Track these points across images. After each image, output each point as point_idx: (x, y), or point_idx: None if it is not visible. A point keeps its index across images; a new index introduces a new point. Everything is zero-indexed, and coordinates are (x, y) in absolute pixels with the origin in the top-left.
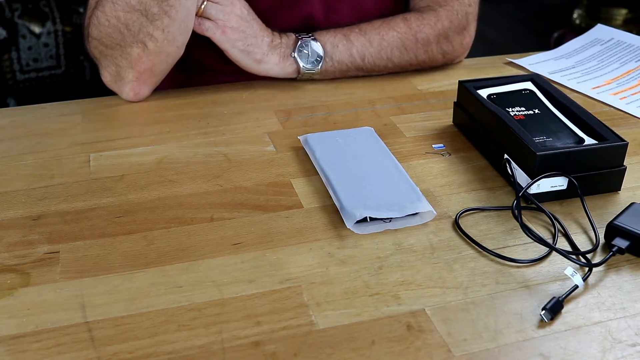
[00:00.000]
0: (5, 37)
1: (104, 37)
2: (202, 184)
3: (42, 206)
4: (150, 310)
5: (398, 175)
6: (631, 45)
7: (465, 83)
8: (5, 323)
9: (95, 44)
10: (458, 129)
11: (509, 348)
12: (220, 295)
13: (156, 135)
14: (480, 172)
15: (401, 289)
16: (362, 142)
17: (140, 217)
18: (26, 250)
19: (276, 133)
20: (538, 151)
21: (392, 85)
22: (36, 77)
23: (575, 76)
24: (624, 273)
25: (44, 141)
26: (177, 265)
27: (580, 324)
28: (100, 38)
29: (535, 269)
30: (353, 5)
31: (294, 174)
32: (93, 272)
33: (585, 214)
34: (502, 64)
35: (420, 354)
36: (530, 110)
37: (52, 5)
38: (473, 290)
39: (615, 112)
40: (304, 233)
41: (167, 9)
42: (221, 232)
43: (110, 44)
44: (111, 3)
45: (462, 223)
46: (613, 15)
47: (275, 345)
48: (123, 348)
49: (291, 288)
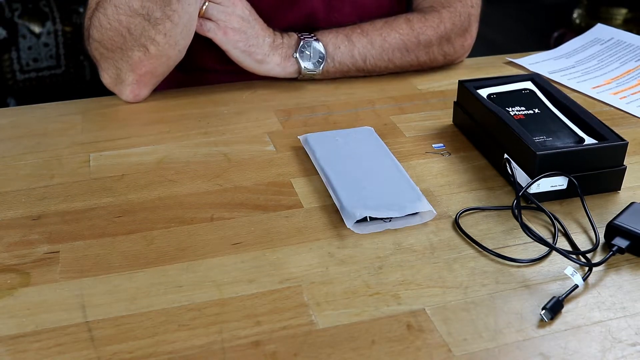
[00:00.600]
0: (5, 37)
1: (105, 40)
2: (202, 184)
3: (42, 206)
4: (150, 310)
5: (398, 175)
6: (631, 44)
7: (465, 83)
8: (5, 323)
9: (96, 46)
10: (458, 128)
11: (509, 348)
12: (220, 295)
13: (156, 135)
14: (480, 171)
15: (401, 288)
16: (362, 142)
17: (140, 217)
18: (26, 250)
19: (276, 133)
20: (538, 151)
21: (392, 85)
22: (36, 77)
23: (575, 76)
24: (624, 273)
25: (44, 141)
26: (177, 265)
27: (580, 323)
28: (101, 40)
29: (535, 268)
30: (354, 3)
31: (294, 174)
32: (93, 272)
33: (585, 214)
34: (502, 63)
35: (420, 354)
36: (530, 110)
37: (52, 5)
38: (473, 290)
39: (615, 112)
40: (304, 233)
41: (170, 13)
42: (221, 232)
43: (111, 46)
44: (113, 6)
45: (462, 223)
46: (613, 15)
47: (275, 345)
48: (123, 348)
49: (291, 288)
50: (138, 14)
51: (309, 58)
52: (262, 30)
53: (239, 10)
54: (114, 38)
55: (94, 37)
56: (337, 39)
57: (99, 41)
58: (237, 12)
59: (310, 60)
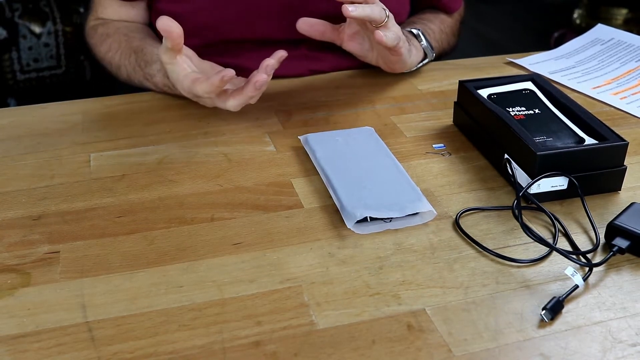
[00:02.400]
0: (6, 37)
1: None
2: (203, 184)
3: (42, 206)
4: (151, 310)
5: (398, 175)
6: (631, 45)
7: (466, 83)
8: (6, 323)
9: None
10: (458, 128)
11: (509, 348)
12: (220, 295)
13: (156, 135)
14: (480, 172)
15: (401, 288)
16: (363, 142)
17: (140, 217)
18: (26, 250)
19: (276, 133)
20: (538, 151)
21: (392, 85)
22: (36, 77)
23: (575, 76)
24: (625, 273)
25: (44, 141)
26: (177, 265)
27: (580, 323)
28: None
29: (536, 268)
30: None
31: (294, 174)
32: (93, 272)
33: (585, 214)
34: (502, 64)
35: (420, 354)
36: (531, 110)
37: (52, 5)
38: (473, 290)
39: (615, 112)
40: (304, 233)
41: (165, 89)
42: (221, 232)
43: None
44: (120, 69)
45: (463, 223)
46: (613, 15)
47: (275, 345)
48: (123, 348)
49: (291, 288)
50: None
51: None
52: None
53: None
54: (116, 74)
55: (98, 57)
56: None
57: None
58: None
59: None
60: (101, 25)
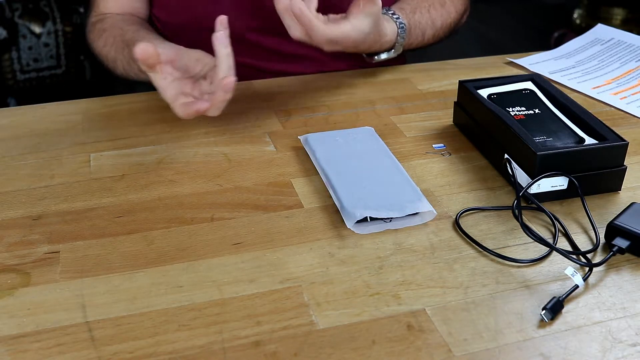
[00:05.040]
0: (6, 37)
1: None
2: (202, 184)
3: (42, 206)
4: (151, 310)
5: (398, 175)
6: (631, 45)
7: (466, 83)
8: (6, 323)
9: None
10: (458, 128)
11: (509, 348)
12: (220, 295)
13: (156, 135)
14: (480, 172)
15: (401, 288)
16: (363, 142)
17: (140, 217)
18: (26, 250)
19: (276, 133)
20: (538, 151)
21: (392, 85)
22: (36, 77)
23: (575, 76)
24: (625, 273)
25: (44, 141)
26: (177, 265)
27: (580, 323)
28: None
29: (536, 268)
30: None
31: (294, 174)
32: (93, 272)
33: (585, 214)
34: (502, 64)
35: (420, 354)
36: (531, 110)
37: (52, 5)
38: (473, 290)
39: (615, 112)
40: (304, 233)
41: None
42: (221, 232)
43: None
44: (116, 62)
45: (463, 223)
46: (613, 15)
47: (275, 345)
48: (123, 348)
49: (291, 288)
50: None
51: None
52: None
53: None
54: (114, 69)
55: (98, 53)
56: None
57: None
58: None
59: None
60: (100, 20)
